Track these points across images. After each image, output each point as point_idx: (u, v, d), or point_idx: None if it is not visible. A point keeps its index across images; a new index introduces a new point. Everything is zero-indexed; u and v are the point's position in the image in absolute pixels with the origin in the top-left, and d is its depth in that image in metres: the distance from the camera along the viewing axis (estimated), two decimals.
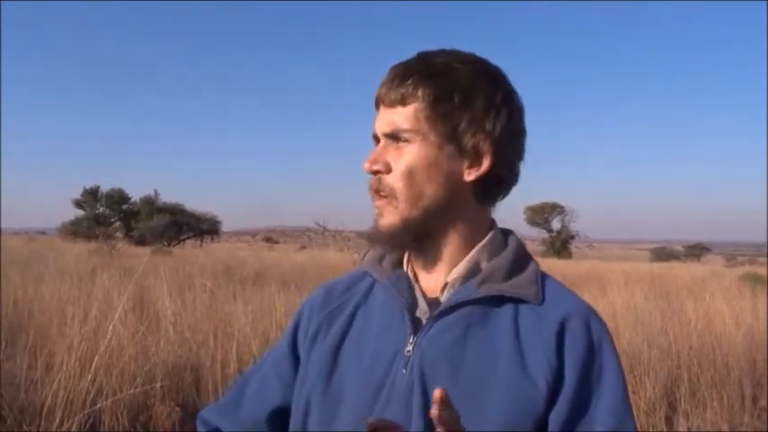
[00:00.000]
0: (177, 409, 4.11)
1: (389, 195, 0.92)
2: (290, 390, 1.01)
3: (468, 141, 0.91)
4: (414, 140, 0.91)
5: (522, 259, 0.97)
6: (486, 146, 0.92)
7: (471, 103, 0.91)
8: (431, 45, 0.98)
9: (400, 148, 0.92)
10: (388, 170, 0.93)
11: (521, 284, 0.93)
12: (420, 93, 0.91)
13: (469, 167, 0.92)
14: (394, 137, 0.93)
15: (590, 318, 0.92)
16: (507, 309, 0.92)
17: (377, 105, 0.96)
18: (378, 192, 0.93)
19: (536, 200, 46.12)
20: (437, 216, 0.93)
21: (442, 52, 0.96)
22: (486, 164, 0.92)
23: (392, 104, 0.93)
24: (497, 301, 0.92)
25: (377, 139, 0.96)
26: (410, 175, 0.91)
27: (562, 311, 0.91)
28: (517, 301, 0.92)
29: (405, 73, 0.93)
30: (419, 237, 0.94)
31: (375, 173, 0.93)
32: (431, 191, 0.92)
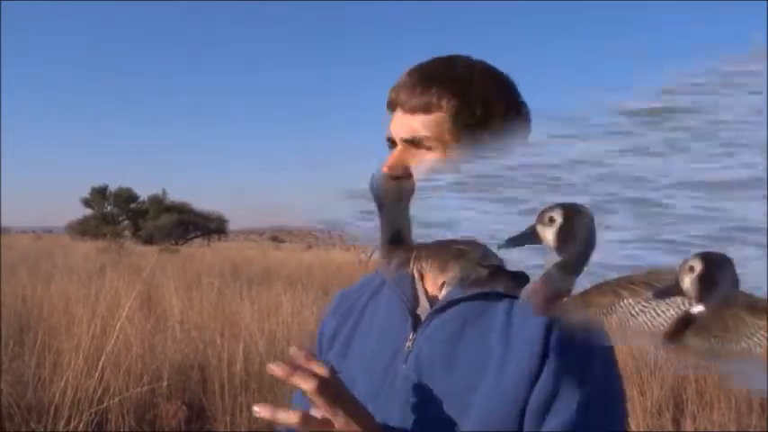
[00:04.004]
0: (184, 407, 4.13)
1: None
2: None
3: None
4: (435, 148, 0.92)
5: None
6: None
7: (491, 115, 0.93)
8: (435, 48, 0.98)
9: (420, 154, 0.93)
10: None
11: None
12: (444, 103, 0.92)
13: None
14: (414, 143, 0.93)
15: None
16: (503, 305, 0.92)
17: (392, 108, 0.96)
18: None
19: None
20: None
21: (459, 59, 0.96)
22: None
23: (413, 111, 0.93)
24: (494, 297, 0.93)
25: (392, 143, 0.96)
26: None
27: None
28: (514, 296, 0.92)
29: (427, 79, 0.93)
30: None
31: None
32: None
